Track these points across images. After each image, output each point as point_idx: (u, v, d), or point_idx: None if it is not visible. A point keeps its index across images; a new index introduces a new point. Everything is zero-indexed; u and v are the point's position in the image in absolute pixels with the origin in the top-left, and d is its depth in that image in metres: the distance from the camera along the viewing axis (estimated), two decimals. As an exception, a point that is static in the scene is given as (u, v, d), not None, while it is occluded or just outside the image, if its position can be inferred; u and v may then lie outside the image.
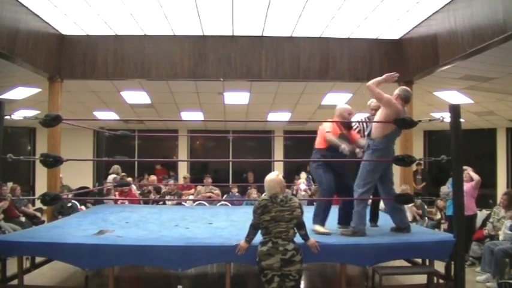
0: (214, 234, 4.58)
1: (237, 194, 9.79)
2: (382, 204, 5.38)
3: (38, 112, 9.66)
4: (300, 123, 13.09)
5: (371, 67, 7.87)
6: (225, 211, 6.80)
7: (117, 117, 11.53)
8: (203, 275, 5.81)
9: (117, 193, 8.22)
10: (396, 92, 4.54)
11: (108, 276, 4.15)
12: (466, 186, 6.00)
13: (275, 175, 3.86)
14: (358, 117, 6.70)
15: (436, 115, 8.68)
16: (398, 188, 7.77)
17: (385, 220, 5.06)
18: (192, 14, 6.81)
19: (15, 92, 8.77)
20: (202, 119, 11.82)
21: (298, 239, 3.84)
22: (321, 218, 4.63)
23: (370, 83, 4.41)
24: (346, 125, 4.84)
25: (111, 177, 8.72)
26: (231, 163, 13.98)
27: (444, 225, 8.01)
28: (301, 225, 3.84)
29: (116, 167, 9.18)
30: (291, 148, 13.97)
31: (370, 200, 4.97)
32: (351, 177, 4.74)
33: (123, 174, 9.86)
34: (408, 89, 4.72)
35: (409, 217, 7.85)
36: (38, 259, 4.97)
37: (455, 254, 4.24)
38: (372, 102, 5.18)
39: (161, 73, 7.90)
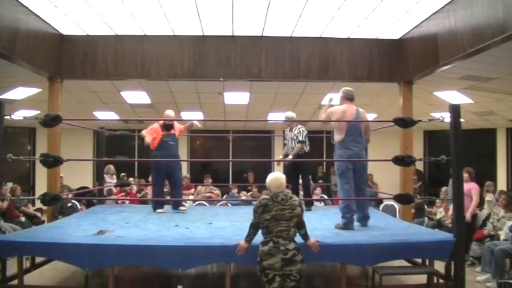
0: (214, 234, 4.59)
1: (237, 194, 9.79)
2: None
3: (38, 112, 9.64)
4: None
5: (371, 67, 7.86)
6: (225, 211, 6.80)
7: (117, 117, 11.52)
8: (203, 275, 5.81)
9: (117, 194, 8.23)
10: (340, 94, 5.07)
11: (108, 276, 4.16)
12: (466, 187, 6.00)
13: (281, 174, 3.87)
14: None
15: (436, 115, 8.67)
16: (400, 189, 7.74)
17: (377, 220, 5.07)
18: (192, 14, 6.80)
19: (15, 92, 8.76)
20: (202, 119, 11.80)
21: (298, 239, 3.84)
22: (159, 204, 6.30)
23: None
24: (165, 127, 6.21)
25: (107, 177, 8.74)
26: (231, 163, 13.98)
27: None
28: (301, 225, 3.85)
29: (108, 166, 9.21)
30: (290, 148, 13.94)
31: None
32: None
33: (123, 174, 9.88)
34: (349, 88, 5.17)
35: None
36: (38, 259, 4.97)
37: (455, 254, 4.25)
38: (288, 113, 6.63)
39: (161, 73, 7.88)
